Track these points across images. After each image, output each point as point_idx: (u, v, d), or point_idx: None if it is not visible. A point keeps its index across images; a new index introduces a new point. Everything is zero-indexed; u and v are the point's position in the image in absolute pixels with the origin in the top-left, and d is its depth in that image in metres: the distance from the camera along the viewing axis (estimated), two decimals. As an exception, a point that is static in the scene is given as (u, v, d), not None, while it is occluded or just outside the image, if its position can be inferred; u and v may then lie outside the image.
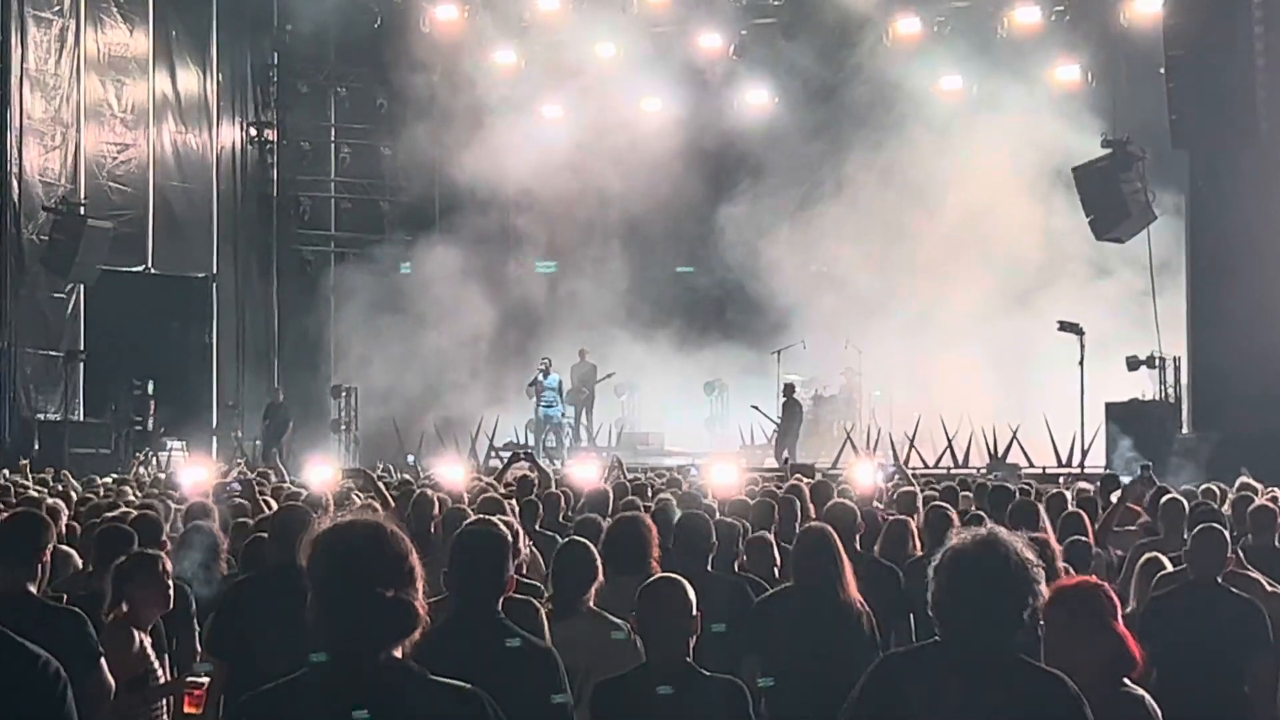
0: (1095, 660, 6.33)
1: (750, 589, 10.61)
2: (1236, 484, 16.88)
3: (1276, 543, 12.21)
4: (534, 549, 12.38)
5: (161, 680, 9.50)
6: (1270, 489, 16.91)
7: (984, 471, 27.57)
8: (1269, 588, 10.43)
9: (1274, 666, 9.39)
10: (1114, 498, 16.08)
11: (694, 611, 7.32)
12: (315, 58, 43.92)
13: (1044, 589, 5.76)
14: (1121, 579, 11.21)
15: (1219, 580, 9.72)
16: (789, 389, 36.89)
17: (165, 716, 9.48)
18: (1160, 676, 6.58)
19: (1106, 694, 6.27)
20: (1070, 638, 6.31)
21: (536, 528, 13.92)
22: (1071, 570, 9.62)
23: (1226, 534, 10.12)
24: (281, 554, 9.87)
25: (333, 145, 44.70)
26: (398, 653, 4.73)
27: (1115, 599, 6.63)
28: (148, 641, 9.47)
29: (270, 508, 14.71)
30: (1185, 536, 10.67)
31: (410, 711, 4.65)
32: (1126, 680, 6.46)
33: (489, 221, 42.18)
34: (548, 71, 42.44)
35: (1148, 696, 6.51)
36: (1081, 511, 13.14)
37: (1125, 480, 17.51)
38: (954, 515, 12.35)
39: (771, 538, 12.24)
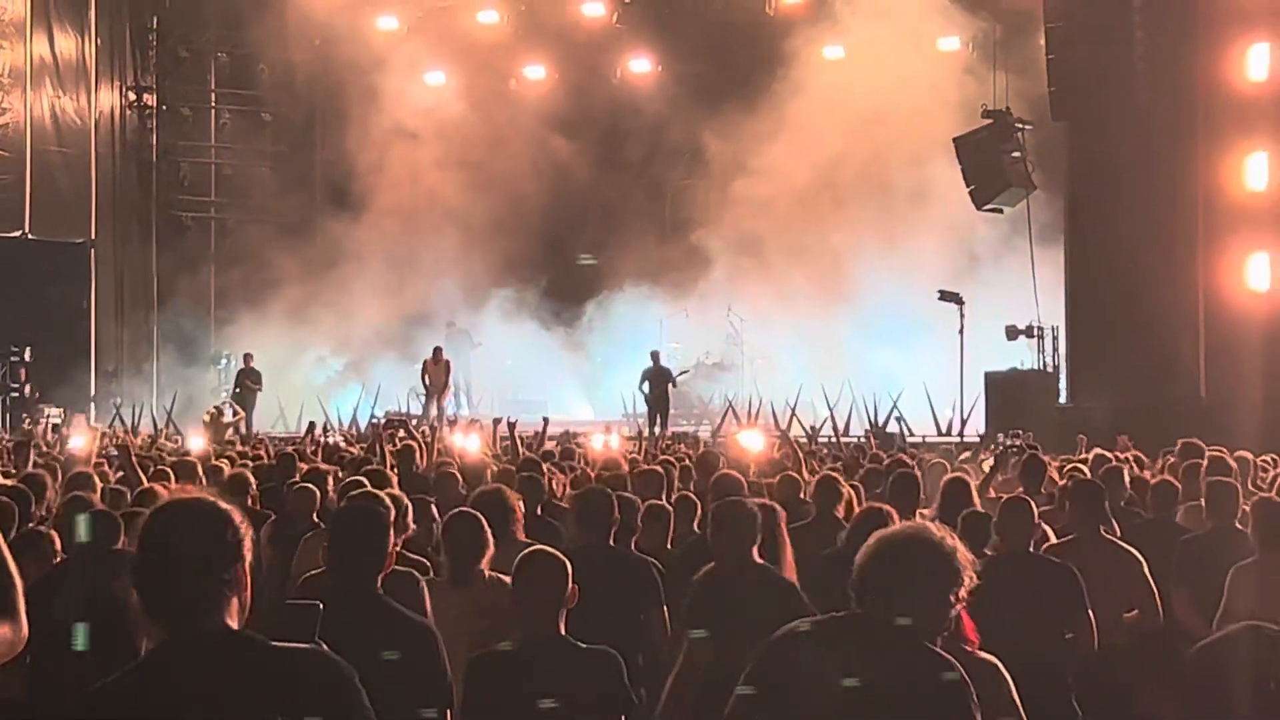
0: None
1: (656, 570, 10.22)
2: (1092, 455, 17.02)
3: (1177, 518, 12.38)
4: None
5: None
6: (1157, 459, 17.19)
7: (862, 440, 27.62)
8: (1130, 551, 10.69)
9: (1089, 626, 9.66)
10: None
11: (569, 585, 7.32)
12: (195, 22, 43.49)
13: (969, 575, 5.74)
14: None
15: (1030, 550, 10.18)
16: (654, 356, 36.88)
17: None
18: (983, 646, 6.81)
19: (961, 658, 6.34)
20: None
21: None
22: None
23: (1034, 507, 10.49)
24: None
25: (213, 111, 44.28)
26: (232, 623, 4.64)
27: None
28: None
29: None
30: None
31: (258, 679, 4.56)
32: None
33: (372, 189, 41.84)
34: (431, 38, 42.17)
35: (1000, 664, 6.70)
36: (965, 478, 13.04)
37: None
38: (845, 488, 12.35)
39: (670, 507, 12.03)
